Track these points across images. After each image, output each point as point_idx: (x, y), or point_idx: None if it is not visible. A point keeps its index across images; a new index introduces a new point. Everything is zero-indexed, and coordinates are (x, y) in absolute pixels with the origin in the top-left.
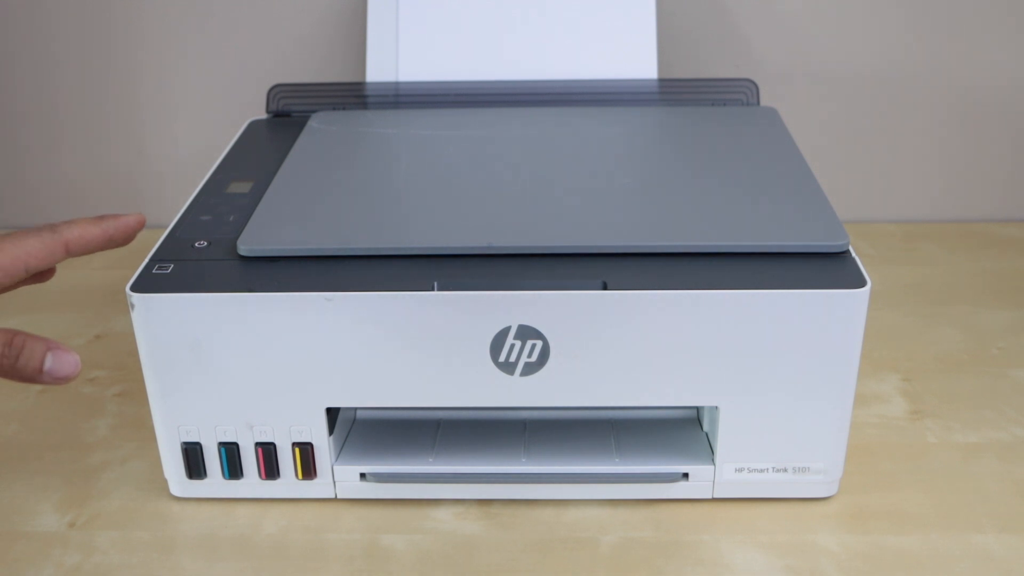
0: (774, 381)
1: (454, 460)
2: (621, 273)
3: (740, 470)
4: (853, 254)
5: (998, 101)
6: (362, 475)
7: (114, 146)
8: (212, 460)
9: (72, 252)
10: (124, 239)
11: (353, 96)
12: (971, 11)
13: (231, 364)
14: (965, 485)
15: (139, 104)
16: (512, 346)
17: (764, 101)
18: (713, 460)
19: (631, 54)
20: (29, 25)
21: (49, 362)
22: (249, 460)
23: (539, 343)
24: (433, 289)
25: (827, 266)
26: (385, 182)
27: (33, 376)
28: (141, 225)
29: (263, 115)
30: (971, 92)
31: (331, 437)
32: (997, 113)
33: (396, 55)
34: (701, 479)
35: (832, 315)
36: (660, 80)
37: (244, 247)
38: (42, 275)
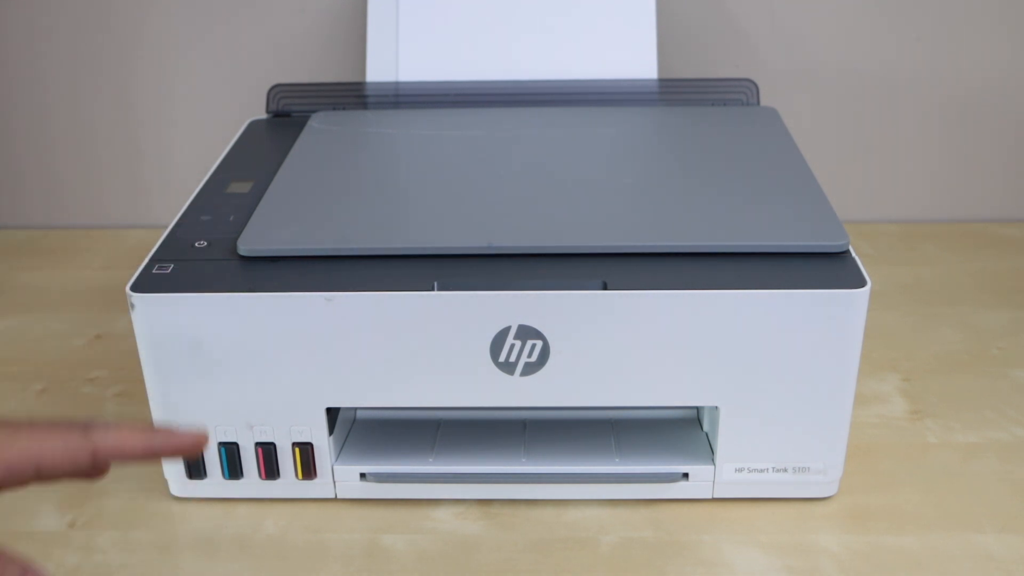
0: (774, 381)
1: (454, 460)
2: (621, 273)
3: (740, 470)
4: (853, 254)
5: (997, 101)
6: (362, 475)
7: (114, 146)
8: (212, 460)
9: (100, 463)
10: (176, 456)
11: (353, 96)
12: (971, 11)
13: (231, 364)
14: (965, 485)
15: (139, 104)
16: (512, 346)
17: (764, 101)
18: (713, 460)
19: (631, 54)
20: (29, 25)
21: None
22: (249, 460)
23: (539, 343)
24: (433, 289)
25: (827, 266)
26: (385, 182)
27: None
28: (201, 447)
29: (263, 115)
30: (970, 92)
31: (331, 437)
32: (997, 113)
33: (396, 55)
34: (701, 479)
35: (832, 315)
36: (660, 80)
37: (244, 247)
38: (56, 477)
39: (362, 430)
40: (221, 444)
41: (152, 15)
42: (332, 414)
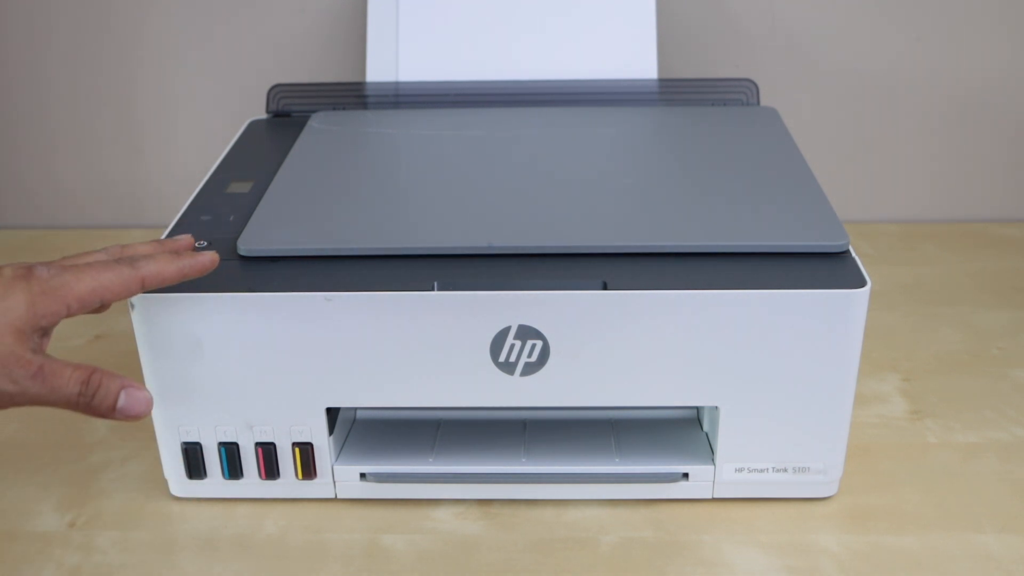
0: (774, 381)
1: (454, 460)
2: (621, 273)
3: (740, 470)
4: (853, 254)
5: (997, 101)
6: (362, 475)
7: (114, 146)
8: (212, 460)
9: (147, 288)
10: (198, 275)
11: (353, 96)
12: (971, 11)
13: (231, 364)
14: (965, 485)
15: (139, 104)
16: (512, 346)
17: (764, 101)
18: (713, 460)
19: (631, 54)
20: (30, 25)
21: (123, 400)
22: (249, 460)
23: (539, 343)
24: (433, 289)
25: (827, 266)
26: (385, 182)
27: (107, 413)
28: (215, 264)
29: (263, 115)
30: (970, 93)
31: (331, 437)
32: (997, 113)
33: (396, 55)
34: (701, 479)
35: (832, 315)
36: (660, 80)
37: (244, 247)
38: (106, 306)
39: (362, 430)
40: (221, 444)
41: (152, 15)
42: (332, 414)
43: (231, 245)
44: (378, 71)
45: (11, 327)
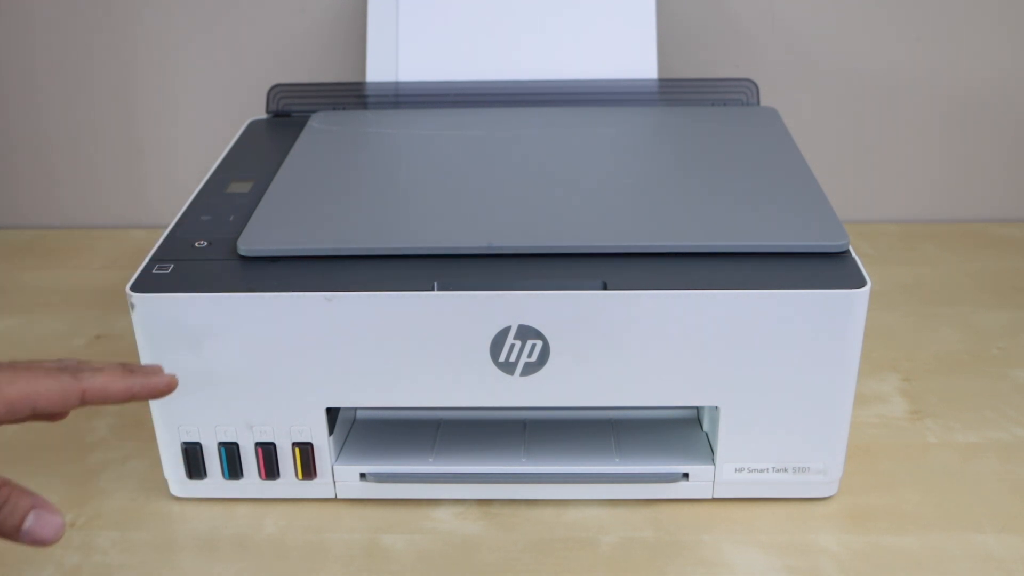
0: (774, 381)
1: (454, 460)
2: (621, 273)
3: (740, 470)
4: (853, 254)
5: (997, 102)
6: (362, 475)
7: (114, 146)
8: (212, 460)
9: (88, 402)
10: (149, 398)
11: (353, 96)
12: (971, 11)
13: (231, 364)
14: (965, 485)
15: (139, 104)
16: (512, 346)
17: (764, 101)
18: (713, 460)
19: (631, 54)
20: (29, 25)
21: (30, 521)
22: (249, 460)
23: (539, 343)
24: (433, 289)
25: (827, 266)
26: (385, 182)
27: (10, 534)
28: (171, 388)
29: (263, 115)
30: (970, 93)
31: (331, 437)
32: (997, 114)
33: (396, 55)
34: (701, 479)
35: (832, 315)
36: (660, 80)
37: (244, 247)
38: (52, 416)
39: (362, 430)
40: (221, 444)
41: (152, 15)
42: (332, 414)
43: (231, 245)
44: (378, 71)
45: None
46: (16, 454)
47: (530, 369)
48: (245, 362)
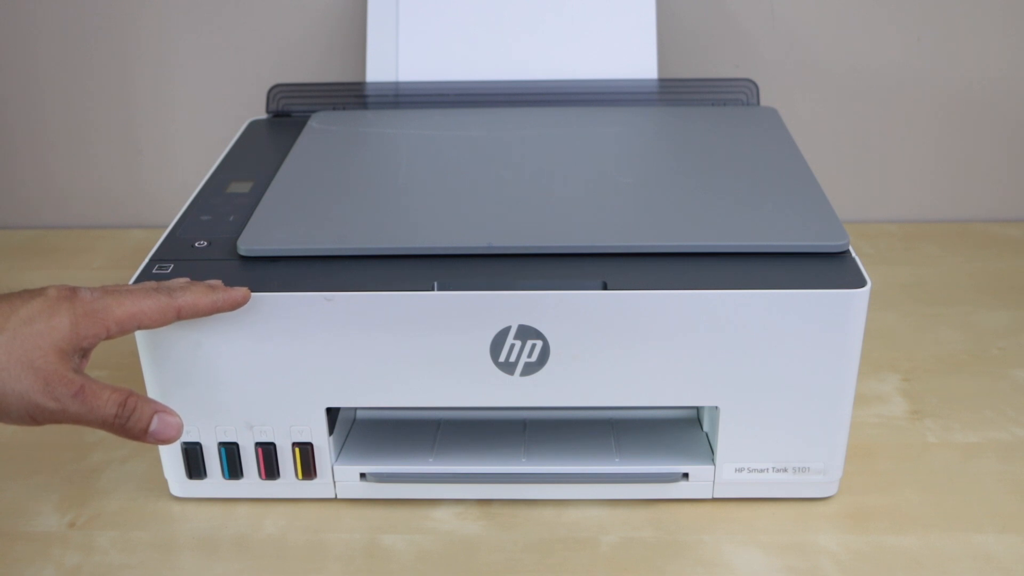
0: (774, 381)
1: (454, 460)
2: (621, 273)
3: (740, 470)
4: (853, 254)
5: (997, 102)
6: (362, 475)
7: (114, 146)
8: (212, 460)
9: (182, 317)
10: (230, 309)
11: (353, 96)
12: (971, 11)
13: (231, 364)
14: (965, 485)
15: (139, 104)
16: (512, 346)
17: (764, 101)
18: (713, 460)
19: (631, 54)
20: (30, 25)
21: (155, 424)
22: (249, 460)
23: (539, 343)
24: (433, 289)
25: (827, 266)
26: (385, 182)
27: (139, 436)
28: (247, 299)
29: (263, 115)
30: (970, 93)
31: (331, 437)
32: (996, 114)
33: (396, 55)
34: (701, 479)
35: (832, 315)
36: (660, 80)
37: (244, 247)
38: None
39: (362, 430)
40: (221, 444)
41: (152, 15)
42: (332, 414)
43: (231, 245)
44: (378, 71)
45: (55, 346)
46: (16, 454)
47: (530, 369)
48: (245, 362)
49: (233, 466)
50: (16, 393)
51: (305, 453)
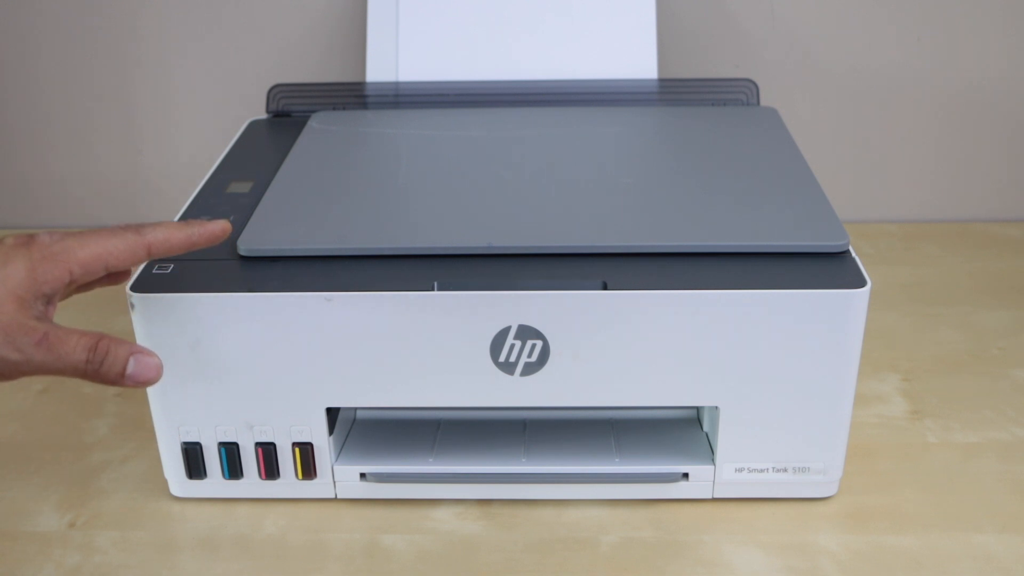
0: (774, 381)
1: (454, 460)
2: (621, 273)
3: (740, 470)
4: (853, 254)
5: (997, 101)
6: (362, 475)
7: (114, 146)
8: (212, 460)
9: (154, 254)
10: (207, 244)
11: (353, 96)
12: (971, 11)
13: (231, 364)
14: (965, 485)
15: (139, 103)
16: (512, 346)
17: (764, 101)
18: (713, 460)
19: (631, 54)
20: (29, 25)
21: (131, 366)
22: (249, 460)
23: (539, 343)
24: (433, 289)
25: (827, 266)
26: (385, 182)
27: (115, 380)
28: (226, 233)
29: (263, 115)
30: (970, 93)
31: (331, 437)
32: (996, 114)
33: (396, 55)
34: (701, 479)
35: (832, 315)
36: (660, 80)
37: (244, 247)
38: (117, 276)
39: (362, 430)
40: (221, 444)
41: (152, 15)
42: (332, 414)
43: (231, 245)
44: (378, 71)
45: (12, 295)
46: (16, 454)
47: (530, 369)
48: (245, 362)
49: (233, 466)
50: None
51: (305, 453)
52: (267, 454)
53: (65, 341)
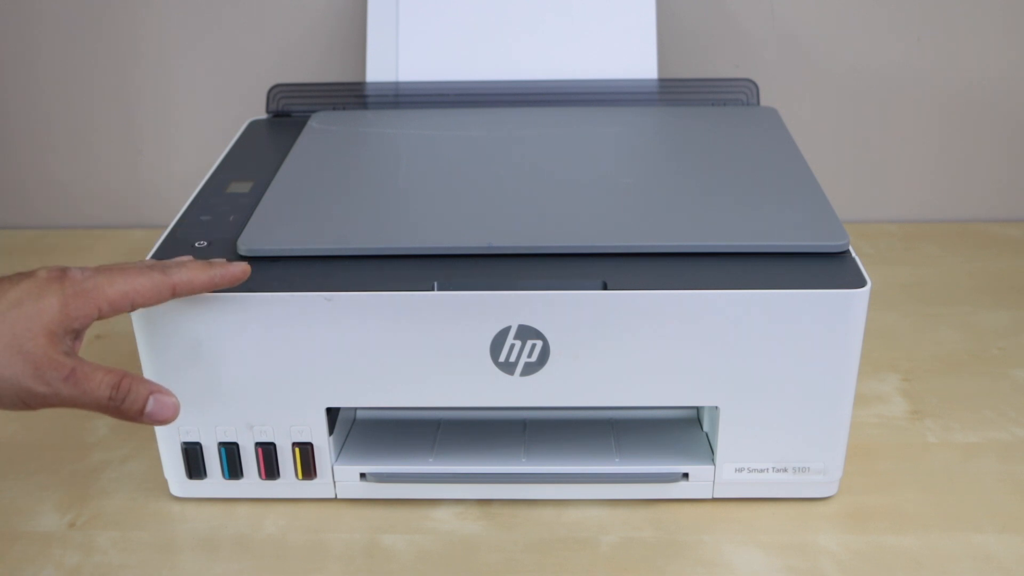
0: (774, 381)
1: (454, 460)
2: (621, 273)
3: (740, 470)
4: (853, 254)
5: (997, 101)
6: (362, 475)
7: (114, 146)
8: (212, 460)
9: (178, 295)
10: (228, 285)
11: (353, 96)
12: (971, 11)
13: (231, 364)
14: (965, 485)
15: (139, 104)
16: (512, 346)
17: (764, 101)
18: (713, 460)
19: (631, 54)
20: (30, 26)
21: (151, 405)
22: (249, 460)
23: (539, 343)
24: (433, 289)
25: (827, 266)
26: (385, 182)
27: (135, 417)
28: (246, 275)
29: (263, 115)
30: (970, 92)
31: (331, 437)
32: (997, 113)
33: (396, 55)
34: (701, 479)
35: (832, 315)
36: (660, 80)
37: (244, 247)
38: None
39: (362, 430)
40: (221, 444)
41: (152, 15)
42: (332, 414)
43: (231, 245)
44: (378, 71)
45: (45, 329)
46: (16, 454)
47: (530, 369)
48: (245, 362)
49: (233, 466)
50: (6, 378)
51: (305, 453)
52: (267, 454)
53: (91, 377)
